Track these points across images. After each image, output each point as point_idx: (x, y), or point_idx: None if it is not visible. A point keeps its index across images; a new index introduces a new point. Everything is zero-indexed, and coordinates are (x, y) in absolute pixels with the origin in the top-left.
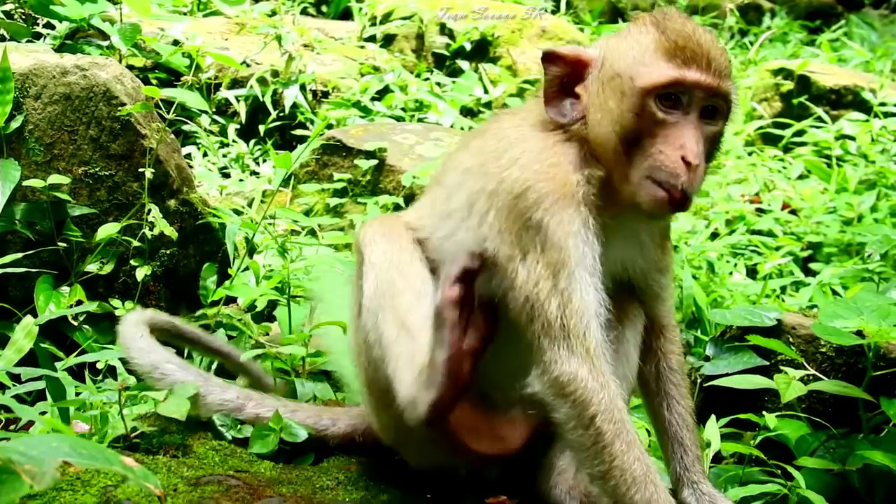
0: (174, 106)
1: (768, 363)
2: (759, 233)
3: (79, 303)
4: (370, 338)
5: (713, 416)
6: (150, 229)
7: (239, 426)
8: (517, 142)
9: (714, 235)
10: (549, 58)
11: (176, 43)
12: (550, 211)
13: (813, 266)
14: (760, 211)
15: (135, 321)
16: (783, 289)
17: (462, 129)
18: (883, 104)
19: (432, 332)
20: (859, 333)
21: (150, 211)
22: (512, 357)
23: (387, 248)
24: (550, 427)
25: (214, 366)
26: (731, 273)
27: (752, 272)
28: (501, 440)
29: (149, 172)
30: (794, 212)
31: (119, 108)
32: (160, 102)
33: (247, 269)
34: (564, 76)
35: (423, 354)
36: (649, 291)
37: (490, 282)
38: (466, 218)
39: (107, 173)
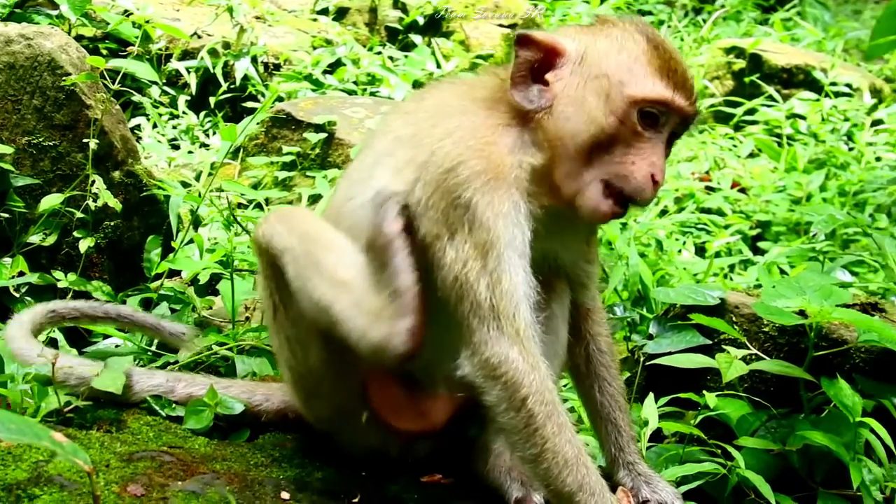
0: (119, 75)
1: (711, 342)
2: (709, 211)
3: (21, 274)
4: (313, 311)
5: (651, 395)
6: (94, 201)
7: (173, 405)
8: (455, 114)
9: (663, 213)
10: (523, 41)
11: (126, 13)
12: (481, 190)
13: (761, 245)
14: (710, 189)
15: (21, 335)
16: (731, 267)
17: None
18: (834, 84)
19: (385, 265)
20: (802, 313)
21: (94, 182)
22: (435, 337)
23: (290, 227)
24: (476, 403)
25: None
26: (679, 251)
27: (700, 250)
28: (425, 417)
29: (93, 143)
30: (743, 190)
31: (64, 78)
32: (110, 73)
33: (192, 241)
34: (535, 62)
35: (371, 298)
36: (575, 279)
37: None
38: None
39: (51, 144)
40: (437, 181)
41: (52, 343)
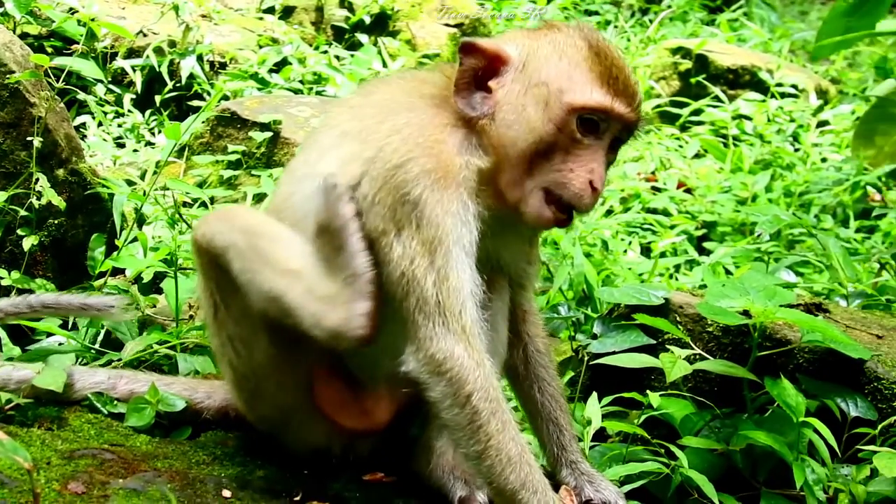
0: (64, 73)
1: (655, 342)
2: (655, 211)
3: None
4: (265, 304)
5: (594, 395)
6: (38, 199)
7: (115, 402)
8: (402, 110)
9: (609, 213)
10: (467, 49)
11: (72, 11)
12: (431, 188)
13: (707, 245)
14: (656, 189)
15: None
16: (677, 267)
17: None
18: (780, 85)
19: (340, 248)
20: (746, 313)
21: (37, 180)
22: (378, 333)
23: (231, 224)
24: (418, 402)
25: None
26: (625, 251)
27: (646, 250)
28: (368, 415)
29: (37, 141)
30: (689, 191)
31: (8, 76)
32: (55, 71)
33: (136, 240)
34: (479, 69)
35: (324, 284)
36: (516, 279)
37: None
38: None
39: None
40: (385, 177)
41: None
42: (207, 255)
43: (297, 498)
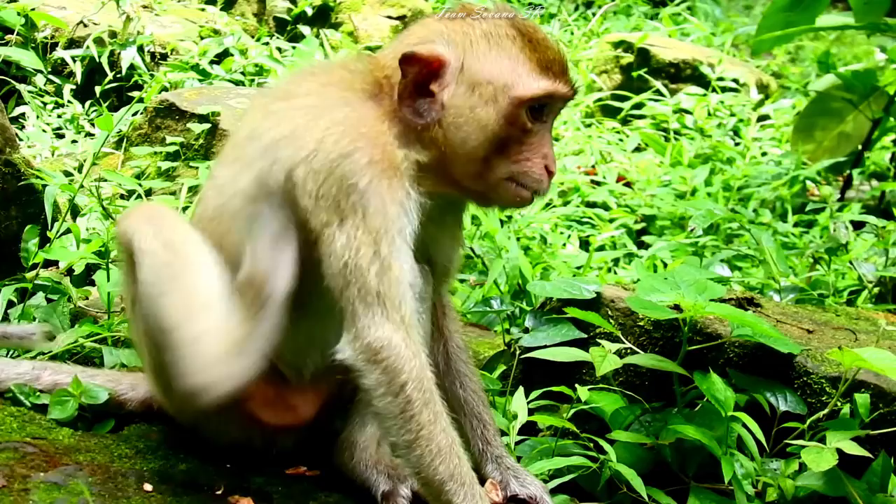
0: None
1: (587, 336)
2: (594, 205)
3: None
4: (151, 325)
5: (521, 389)
6: None
7: (38, 394)
8: (339, 105)
9: (548, 206)
10: (408, 60)
11: (12, 0)
12: (378, 178)
13: (646, 239)
14: (595, 183)
15: None
16: (616, 261)
17: None
18: (721, 79)
19: (255, 303)
20: (676, 307)
21: None
22: (307, 328)
23: (155, 231)
24: (342, 396)
25: None
26: (563, 245)
27: (585, 244)
28: (293, 410)
29: None
30: (628, 184)
31: None
32: None
33: (69, 231)
34: (420, 76)
35: (226, 329)
36: (446, 265)
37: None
38: (274, 193)
39: None
40: (330, 168)
41: None
42: (127, 249)
43: (220, 492)
